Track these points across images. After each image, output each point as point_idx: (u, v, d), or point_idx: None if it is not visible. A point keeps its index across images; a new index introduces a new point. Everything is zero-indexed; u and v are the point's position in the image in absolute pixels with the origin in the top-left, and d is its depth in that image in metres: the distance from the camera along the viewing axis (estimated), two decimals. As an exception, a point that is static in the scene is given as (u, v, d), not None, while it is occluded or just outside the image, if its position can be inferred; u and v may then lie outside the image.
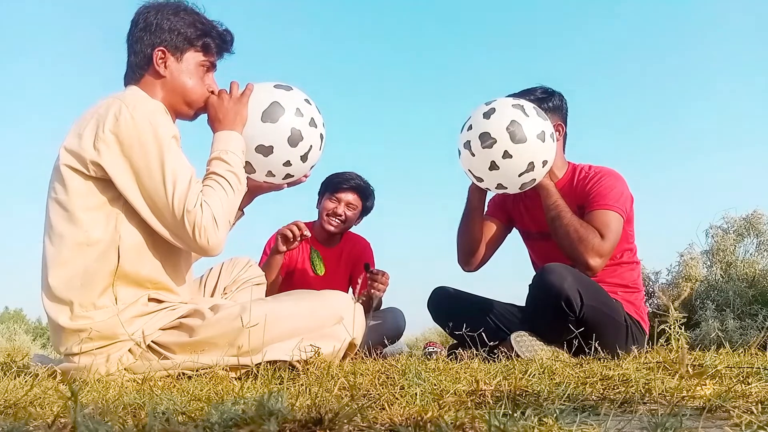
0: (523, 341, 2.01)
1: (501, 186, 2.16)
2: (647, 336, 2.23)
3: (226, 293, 2.07)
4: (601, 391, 1.12)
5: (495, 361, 1.71)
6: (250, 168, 1.84)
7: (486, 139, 2.05)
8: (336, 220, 2.94)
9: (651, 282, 4.23)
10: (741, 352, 1.71)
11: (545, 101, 2.30)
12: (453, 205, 2.60)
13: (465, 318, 2.11)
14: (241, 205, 1.96)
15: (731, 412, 0.84)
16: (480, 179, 2.19)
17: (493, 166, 2.07)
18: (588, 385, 1.17)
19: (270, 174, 1.88)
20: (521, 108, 2.08)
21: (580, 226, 2.09)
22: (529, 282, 2.15)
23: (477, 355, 1.76)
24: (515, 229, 2.56)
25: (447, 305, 2.48)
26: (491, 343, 1.87)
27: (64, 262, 1.55)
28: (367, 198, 3.02)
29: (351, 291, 3.04)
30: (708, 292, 3.78)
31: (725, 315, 3.43)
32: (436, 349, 3.16)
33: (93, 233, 1.55)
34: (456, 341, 2.44)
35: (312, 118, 1.85)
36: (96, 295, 1.55)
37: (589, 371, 1.35)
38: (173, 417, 0.81)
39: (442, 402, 1.00)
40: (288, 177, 1.91)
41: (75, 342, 1.53)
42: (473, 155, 2.10)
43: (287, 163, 1.85)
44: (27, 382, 1.36)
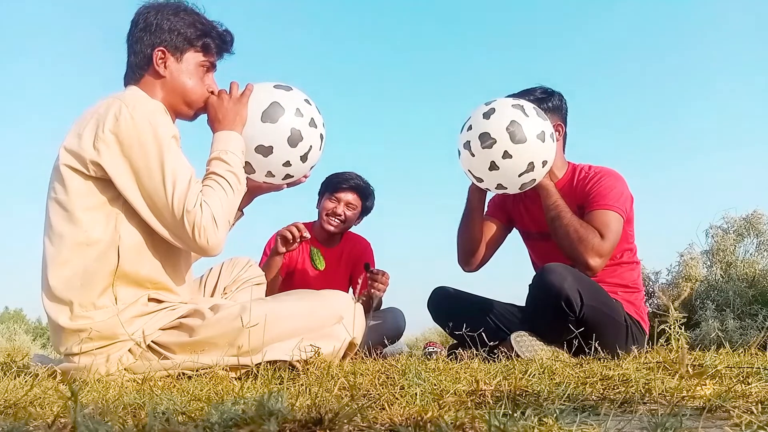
0: (523, 341, 2.01)
1: (501, 186, 2.16)
2: (647, 336, 2.24)
3: (226, 293, 2.07)
4: (601, 391, 1.12)
5: (495, 361, 1.71)
6: (249, 168, 1.84)
7: (486, 140, 2.05)
8: (335, 219, 2.94)
9: (651, 282, 4.23)
10: (741, 352, 1.71)
11: (545, 101, 2.30)
12: (453, 205, 2.60)
13: (465, 318, 2.11)
14: (241, 206, 1.96)
15: (731, 412, 0.84)
16: (480, 179, 2.19)
17: (493, 166, 2.07)
18: (588, 385, 1.17)
19: (269, 174, 1.88)
20: (521, 108, 2.08)
21: (580, 226, 2.09)
22: (529, 282, 2.15)
23: (477, 355, 1.75)
24: (515, 229, 2.56)
25: (447, 305, 2.48)
26: (491, 343, 1.87)
27: (63, 262, 1.55)
28: (367, 198, 3.02)
29: (351, 291, 3.04)
30: (708, 292, 3.78)
31: (725, 315, 3.43)
32: (436, 349, 3.16)
33: (93, 233, 1.55)
34: (456, 341, 2.44)
35: (312, 118, 1.85)
36: (96, 295, 1.55)
37: (589, 371, 1.35)
38: (173, 417, 0.81)
39: (442, 402, 1.00)
40: (288, 177, 1.91)
41: (75, 342, 1.53)
42: (473, 155, 2.10)
43: (287, 164, 1.84)
44: (27, 382, 1.36)
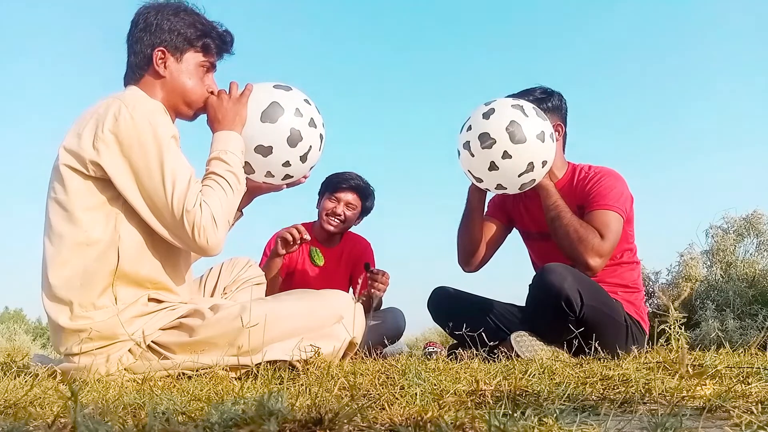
0: (523, 341, 2.01)
1: (501, 186, 2.16)
2: (647, 336, 2.23)
3: (225, 293, 2.07)
4: (601, 391, 1.12)
5: (495, 361, 1.71)
6: (249, 168, 1.84)
7: (485, 140, 2.05)
8: (335, 219, 2.94)
9: (651, 282, 4.23)
10: (741, 352, 1.71)
11: (544, 101, 2.30)
12: (453, 205, 2.60)
13: (465, 318, 2.11)
14: (240, 206, 1.95)
15: (731, 412, 0.84)
16: (480, 180, 2.19)
17: (493, 166, 2.07)
18: (588, 385, 1.17)
19: (269, 174, 1.87)
20: (521, 108, 2.08)
21: (579, 226, 2.09)
22: (529, 282, 2.15)
23: (477, 355, 1.75)
24: (515, 229, 2.56)
25: (447, 305, 2.48)
26: (491, 343, 1.87)
27: (63, 262, 1.55)
28: (367, 198, 3.01)
29: (351, 291, 3.04)
30: (708, 292, 3.78)
31: (725, 315, 3.43)
32: (436, 349, 3.16)
33: (92, 233, 1.55)
34: (456, 341, 2.44)
35: (311, 118, 1.84)
36: (96, 295, 1.55)
37: (589, 371, 1.35)
38: (173, 417, 0.81)
39: (442, 402, 1.00)
40: (287, 177, 1.91)
41: (75, 342, 1.53)
42: (473, 156, 2.10)
43: (286, 164, 1.84)
44: (27, 382, 1.36)
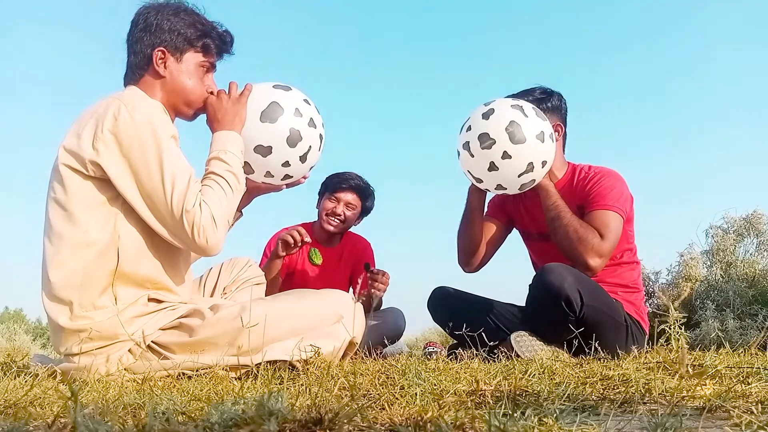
0: (523, 341, 2.01)
1: (500, 187, 2.16)
2: (647, 336, 2.23)
3: (225, 293, 2.07)
4: (601, 391, 1.12)
5: (495, 361, 1.71)
6: (248, 168, 1.84)
7: (485, 140, 2.05)
8: (335, 219, 2.94)
9: (651, 282, 4.22)
10: (741, 352, 1.71)
11: (544, 101, 2.30)
12: (453, 205, 2.60)
13: (465, 318, 2.11)
14: (240, 206, 1.95)
15: (731, 412, 0.84)
16: (479, 180, 2.18)
17: (493, 166, 2.07)
18: (588, 385, 1.17)
19: (269, 174, 1.87)
20: (520, 108, 2.08)
21: (579, 226, 2.09)
22: (529, 282, 2.15)
23: (477, 355, 1.76)
24: (515, 230, 2.56)
25: (447, 305, 2.48)
26: (491, 343, 1.87)
27: (63, 261, 1.55)
28: (367, 198, 3.01)
29: (351, 291, 3.04)
30: (708, 292, 3.78)
31: (725, 315, 3.43)
32: (436, 349, 3.16)
33: (92, 233, 1.55)
34: (456, 341, 2.44)
35: (311, 118, 1.84)
36: (96, 295, 1.55)
37: (589, 371, 1.35)
38: (173, 417, 0.81)
39: (442, 402, 1.00)
40: (287, 178, 1.91)
41: (75, 342, 1.53)
42: (472, 156, 2.10)
43: (286, 164, 1.84)
44: (27, 382, 1.36)
